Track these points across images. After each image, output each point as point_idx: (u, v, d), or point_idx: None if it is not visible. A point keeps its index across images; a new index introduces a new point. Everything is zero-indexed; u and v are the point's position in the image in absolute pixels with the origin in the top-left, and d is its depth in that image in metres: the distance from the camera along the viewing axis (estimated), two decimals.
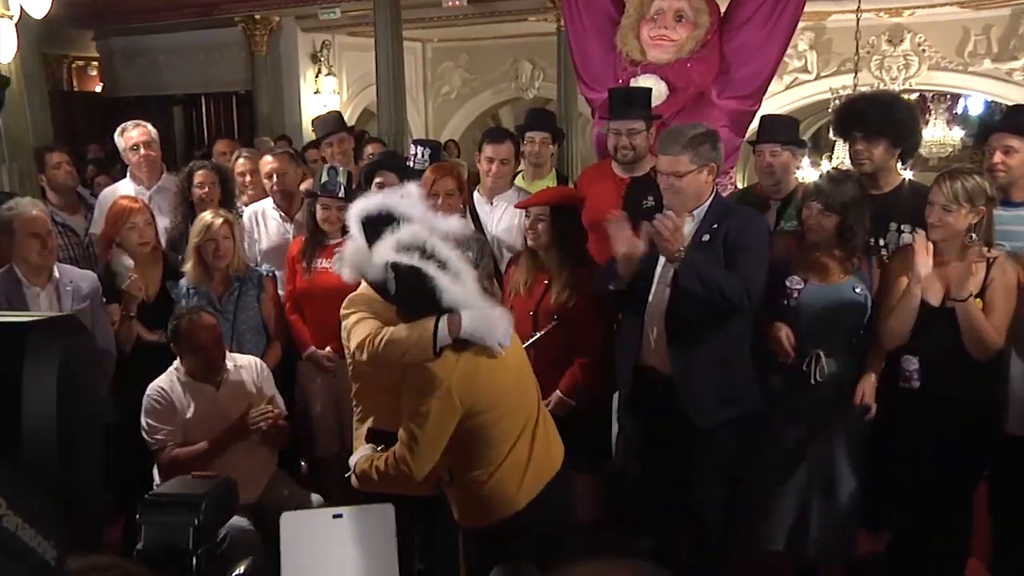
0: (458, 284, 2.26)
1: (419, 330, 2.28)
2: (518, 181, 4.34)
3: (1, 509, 0.80)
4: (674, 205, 2.99)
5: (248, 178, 4.64)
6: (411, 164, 4.67)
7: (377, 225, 2.34)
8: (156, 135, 4.69)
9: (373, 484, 2.47)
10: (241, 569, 1.79)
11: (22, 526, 0.82)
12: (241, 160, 4.73)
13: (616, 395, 3.39)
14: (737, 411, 3.03)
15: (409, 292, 2.26)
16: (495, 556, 2.20)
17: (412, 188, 2.48)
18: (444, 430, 2.32)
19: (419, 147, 4.83)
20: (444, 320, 2.27)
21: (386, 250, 2.25)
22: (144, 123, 4.67)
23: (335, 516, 2.43)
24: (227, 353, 3.42)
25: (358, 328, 2.48)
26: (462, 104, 12.52)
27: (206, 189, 4.18)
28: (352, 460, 2.55)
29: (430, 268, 2.23)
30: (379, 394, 2.64)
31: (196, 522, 1.77)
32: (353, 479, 2.57)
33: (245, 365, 3.43)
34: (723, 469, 3.10)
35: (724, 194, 3.67)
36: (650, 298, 3.05)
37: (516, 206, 3.65)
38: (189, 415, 3.25)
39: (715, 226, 2.97)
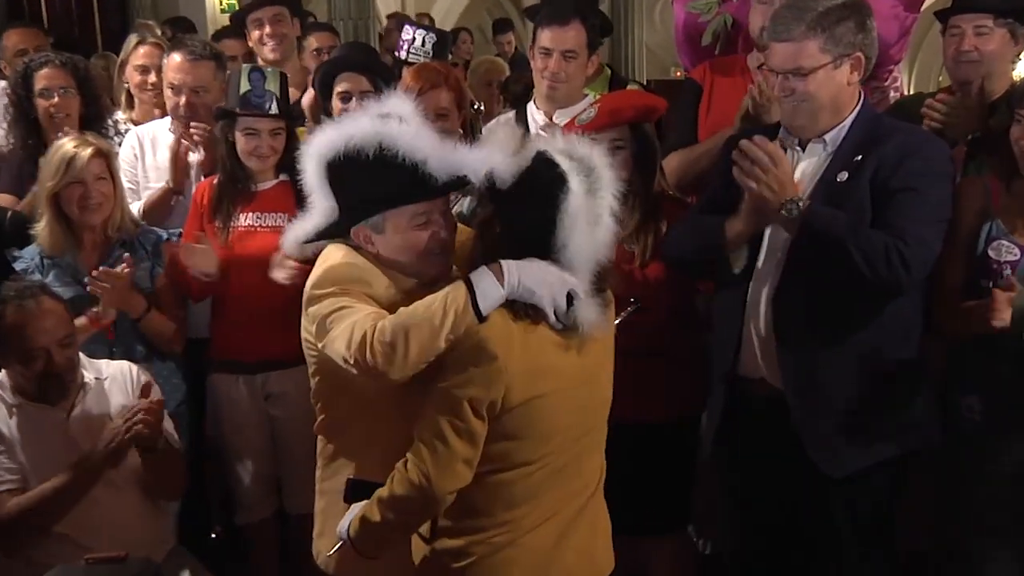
0: (592, 228, 2.38)
1: (452, 293, 2.37)
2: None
3: None
4: (796, 124, 3.00)
5: (153, 77, 4.54)
6: (401, 55, 4.66)
7: (352, 171, 2.45)
8: None
9: (375, 544, 2.49)
10: None
11: None
12: (142, 49, 4.67)
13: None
14: (892, 452, 3.04)
15: (526, 212, 2.39)
16: None
17: (405, 105, 2.56)
18: (484, 426, 2.39)
19: (415, 30, 4.77)
20: (482, 271, 2.39)
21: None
22: None
23: None
24: (85, 360, 3.41)
25: (344, 319, 2.45)
26: None
27: (55, 99, 4.16)
28: (341, 527, 2.55)
29: (576, 183, 2.36)
30: (372, 424, 2.63)
31: None
32: (332, 564, 2.62)
33: (113, 375, 3.45)
34: (877, 532, 3.11)
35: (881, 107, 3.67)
36: (754, 276, 3.07)
37: (567, 127, 3.55)
38: (22, 458, 3.25)
39: (858, 158, 2.95)
